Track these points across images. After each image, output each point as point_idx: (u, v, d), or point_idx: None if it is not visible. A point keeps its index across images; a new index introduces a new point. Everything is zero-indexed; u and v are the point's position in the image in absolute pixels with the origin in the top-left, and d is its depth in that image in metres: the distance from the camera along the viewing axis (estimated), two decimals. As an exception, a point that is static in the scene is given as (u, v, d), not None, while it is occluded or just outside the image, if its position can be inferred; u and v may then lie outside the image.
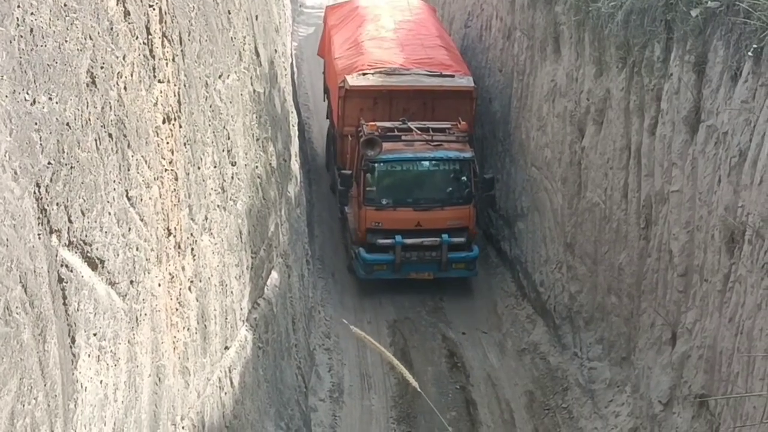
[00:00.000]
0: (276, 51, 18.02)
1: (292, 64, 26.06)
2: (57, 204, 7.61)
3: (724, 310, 12.88)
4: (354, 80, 22.50)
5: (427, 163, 21.61)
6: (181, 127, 10.73)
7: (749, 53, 12.56)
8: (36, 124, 7.25)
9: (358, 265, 21.83)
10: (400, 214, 21.52)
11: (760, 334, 11.29)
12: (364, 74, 22.72)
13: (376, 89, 22.61)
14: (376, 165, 21.27)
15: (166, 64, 10.24)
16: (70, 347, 7.94)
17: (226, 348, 12.98)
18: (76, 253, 8.01)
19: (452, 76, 22.92)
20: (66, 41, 7.81)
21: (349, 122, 22.56)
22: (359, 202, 21.60)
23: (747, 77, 12.65)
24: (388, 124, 21.86)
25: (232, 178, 13.22)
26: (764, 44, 12.18)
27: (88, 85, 8.15)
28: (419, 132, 21.67)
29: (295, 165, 19.94)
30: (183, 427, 11.15)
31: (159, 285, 10.06)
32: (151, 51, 9.73)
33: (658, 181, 15.41)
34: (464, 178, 21.72)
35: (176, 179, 10.55)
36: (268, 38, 17.22)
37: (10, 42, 6.91)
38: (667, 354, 14.86)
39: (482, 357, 20.23)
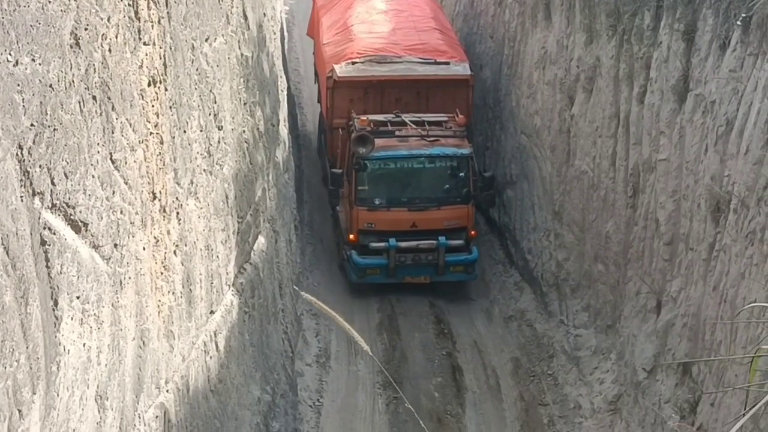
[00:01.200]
0: (265, 15, 17.94)
1: (282, 28, 25.87)
2: (40, 166, 7.61)
3: (708, 279, 12.95)
4: (343, 70, 20.98)
5: (422, 160, 20.00)
6: (166, 90, 10.71)
7: (738, 22, 12.57)
8: (18, 85, 7.24)
9: (350, 268, 20.45)
10: (395, 214, 20.09)
11: (743, 302, 11.35)
12: (353, 63, 21.15)
13: (366, 80, 21.06)
14: (368, 163, 19.70)
15: (152, 26, 10.21)
16: (53, 310, 7.97)
17: (212, 312, 13.01)
18: (59, 215, 8.02)
19: (447, 64, 21.35)
20: (49, 2, 7.79)
21: (339, 114, 21.10)
22: (350, 202, 20.11)
23: (735, 46, 12.66)
24: (380, 118, 20.30)
25: (219, 142, 13.20)
26: (753, 13, 12.17)
27: (71, 47, 8.13)
28: (414, 126, 20.11)
29: (284, 130, 19.89)
30: (167, 391, 11.21)
31: (143, 249, 10.08)
32: (136, 13, 9.70)
33: (646, 149, 15.45)
34: (462, 175, 20.18)
35: (161, 143, 10.54)
36: (257, 1, 17.15)
37: (-8, 3, 6.90)
38: (651, 322, 14.96)
39: (469, 324, 20.33)
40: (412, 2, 24.55)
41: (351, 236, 20.03)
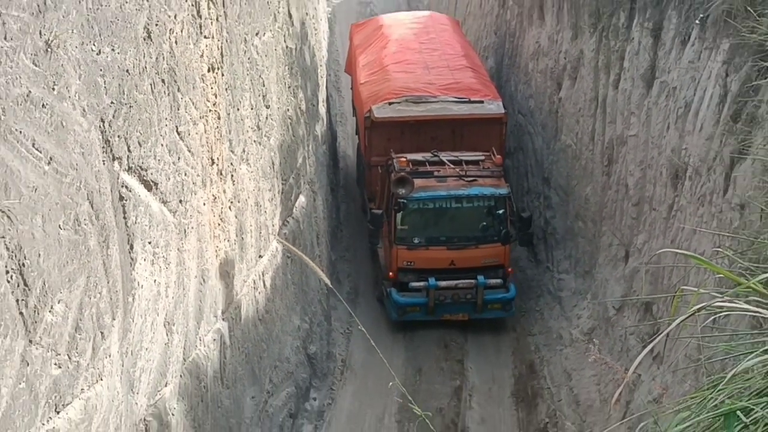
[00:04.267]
0: (307, 14, 17.91)
1: (325, 26, 25.61)
2: (118, 136, 7.71)
3: (667, 234, 12.98)
4: (380, 111, 18.22)
5: (461, 200, 17.05)
6: (223, 75, 10.78)
7: (696, 21, 12.50)
8: (101, 70, 7.32)
9: (390, 305, 17.42)
10: (433, 253, 17.15)
11: (695, 252, 11.35)
12: (390, 104, 18.31)
13: (403, 120, 18.18)
14: (408, 203, 16.80)
15: (211, 22, 10.26)
16: (129, 252, 8.10)
17: (260, 256, 13.13)
18: (134, 176, 8.13)
19: (481, 102, 18.42)
20: (126, 2, 7.84)
21: (377, 152, 18.20)
22: (390, 241, 17.34)
23: (694, 41, 12.60)
24: (419, 157, 17.36)
25: (267, 118, 13.26)
26: (709, 14, 12.09)
27: (144, 39, 8.20)
28: (452, 166, 17.19)
29: (323, 109, 19.86)
30: (223, 319, 11.36)
31: (204, 204, 10.19)
32: (198, 11, 9.74)
33: (619, 127, 15.42)
34: (500, 215, 17.16)
35: (219, 118, 10.62)
36: (301, 2, 17.12)
37: (80, 2, 6.96)
38: (620, 269, 14.99)
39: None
40: (444, 40, 21.65)
41: (390, 274, 17.29)
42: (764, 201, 8.93)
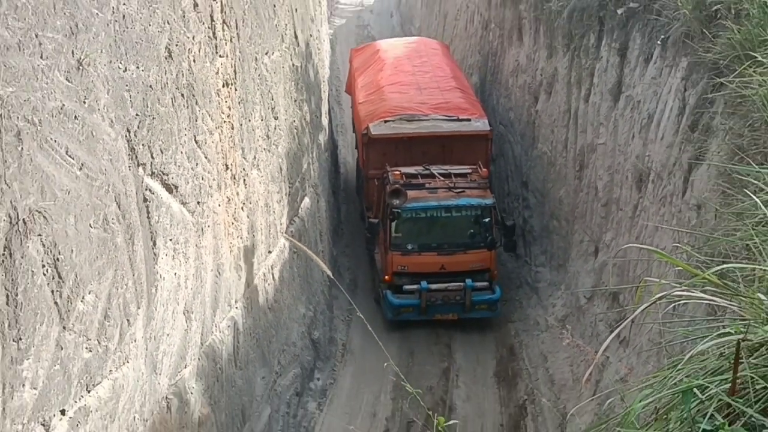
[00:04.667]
0: (311, 35, 17.90)
1: (327, 46, 25.57)
2: (143, 144, 7.70)
3: (632, 231, 12.97)
4: (376, 128, 18.00)
5: (450, 209, 16.87)
6: (236, 90, 10.77)
7: (658, 42, 12.50)
8: (127, 85, 7.31)
9: (386, 306, 17.19)
10: (425, 258, 16.94)
11: (657, 248, 11.36)
12: (386, 122, 18.09)
13: (397, 137, 17.91)
14: (401, 213, 16.64)
15: (226, 43, 10.25)
16: (152, 248, 8.08)
17: (269, 252, 13.12)
18: (157, 180, 8.11)
19: (469, 120, 18.21)
20: (150, 25, 7.83)
21: (374, 166, 18.06)
22: (386, 247, 17.13)
23: (656, 59, 12.60)
24: (411, 170, 17.11)
25: (275, 128, 13.25)
26: (669, 35, 12.09)
27: (166, 58, 8.19)
28: (442, 178, 16.98)
29: (325, 120, 19.83)
30: (237, 308, 11.34)
31: (219, 205, 10.17)
32: (214, 33, 9.73)
33: (589, 136, 15.41)
34: (486, 223, 16.96)
35: (232, 128, 10.61)
36: (305, 25, 17.11)
37: (107, 24, 6.95)
38: (591, 262, 14.99)
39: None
40: (434, 63, 21.46)
41: (386, 277, 17.04)
42: (718, 202, 8.94)
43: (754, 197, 3.73)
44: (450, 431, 3.01)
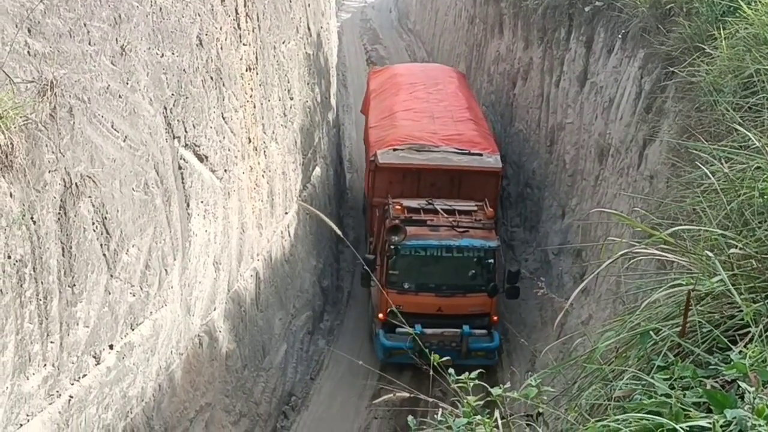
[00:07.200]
0: (322, 27, 17.68)
1: (335, 37, 25.30)
2: (177, 120, 7.62)
3: (594, 198, 12.91)
4: (384, 157, 14.70)
5: (452, 249, 13.49)
6: (257, 74, 10.65)
7: (619, 36, 12.35)
8: (164, 69, 7.21)
9: (377, 347, 13.71)
10: (422, 299, 13.46)
11: (615, 211, 11.33)
12: (394, 150, 14.81)
13: (404, 167, 14.63)
14: (400, 249, 13.38)
15: (248, 33, 10.10)
16: (186, 209, 8.04)
17: (286, 213, 13.09)
18: (190, 151, 8.05)
19: (480, 155, 14.81)
20: (183, 16, 7.70)
21: (379, 194, 14.78)
22: (381, 284, 13.76)
23: (617, 51, 12.45)
24: (414, 204, 13.90)
25: (291, 107, 13.14)
26: (629, 30, 11.93)
27: (197, 46, 8.07)
28: (445, 215, 13.71)
29: (333, 101, 19.66)
30: (258, 260, 11.33)
31: (243, 173, 10.11)
32: (238, 24, 9.59)
33: (559, 116, 15.27)
34: (488, 266, 13.61)
35: (254, 107, 10.51)
36: (317, 18, 16.88)
37: (147, 15, 6.83)
38: (558, 224, 14.93)
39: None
40: (450, 92, 18.00)
41: (381, 315, 13.64)
42: (669, 173, 8.88)
43: (704, 168, 3.67)
44: (445, 366, 2.99)
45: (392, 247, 13.32)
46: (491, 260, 13.51)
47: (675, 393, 2.29)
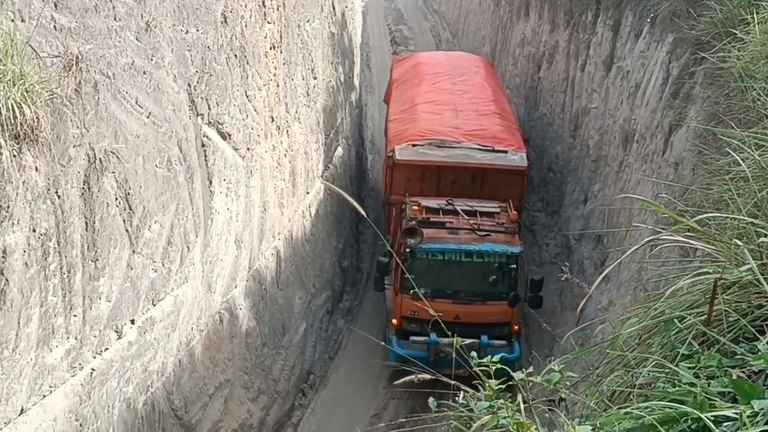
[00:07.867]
0: (346, 6, 17.56)
1: (359, 16, 25.10)
2: (201, 97, 7.61)
3: (617, 184, 12.78)
4: (402, 153, 13.71)
5: (471, 254, 12.45)
6: (281, 52, 10.60)
7: (648, 20, 12.14)
8: (188, 46, 7.19)
9: (390, 352, 12.55)
10: (438, 305, 10.95)
11: (642, 197, 11.21)
12: (413, 145, 13.79)
13: (424, 163, 13.64)
14: (416, 253, 12.33)
15: (273, 11, 10.05)
16: (209, 187, 8.05)
17: (307, 192, 13.09)
18: (213, 128, 8.04)
19: (505, 152, 13.77)
20: (208, -6, 7.65)
21: (397, 191, 13.74)
22: (396, 289, 12.91)
23: (645, 35, 12.24)
24: (433, 204, 12.96)
25: (314, 87, 13.09)
26: (658, 14, 11.72)
27: (221, 23, 8.04)
28: (465, 217, 12.68)
29: (356, 81, 19.57)
30: (279, 239, 11.36)
31: (265, 151, 10.10)
32: (263, 2, 9.54)
33: (583, 101, 15.09)
34: (510, 273, 12.66)
35: (278, 86, 10.48)
36: (341, -2, 16.78)
37: (172, -7, 6.78)
38: (581, 209, 14.81)
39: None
40: (476, 83, 16.79)
41: (394, 321, 12.80)
42: (694, 160, 8.73)
43: (734, 155, 3.58)
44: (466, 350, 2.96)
45: (407, 250, 12.33)
46: (513, 266, 12.56)
47: (700, 382, 2.25)
